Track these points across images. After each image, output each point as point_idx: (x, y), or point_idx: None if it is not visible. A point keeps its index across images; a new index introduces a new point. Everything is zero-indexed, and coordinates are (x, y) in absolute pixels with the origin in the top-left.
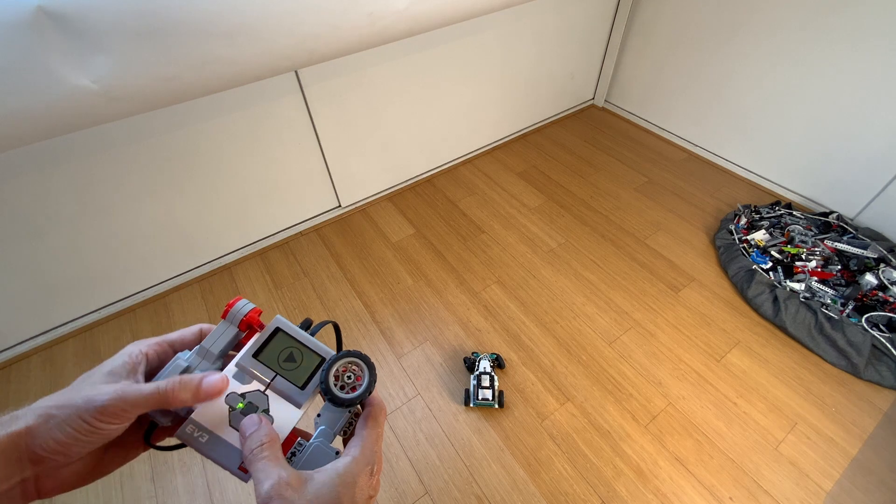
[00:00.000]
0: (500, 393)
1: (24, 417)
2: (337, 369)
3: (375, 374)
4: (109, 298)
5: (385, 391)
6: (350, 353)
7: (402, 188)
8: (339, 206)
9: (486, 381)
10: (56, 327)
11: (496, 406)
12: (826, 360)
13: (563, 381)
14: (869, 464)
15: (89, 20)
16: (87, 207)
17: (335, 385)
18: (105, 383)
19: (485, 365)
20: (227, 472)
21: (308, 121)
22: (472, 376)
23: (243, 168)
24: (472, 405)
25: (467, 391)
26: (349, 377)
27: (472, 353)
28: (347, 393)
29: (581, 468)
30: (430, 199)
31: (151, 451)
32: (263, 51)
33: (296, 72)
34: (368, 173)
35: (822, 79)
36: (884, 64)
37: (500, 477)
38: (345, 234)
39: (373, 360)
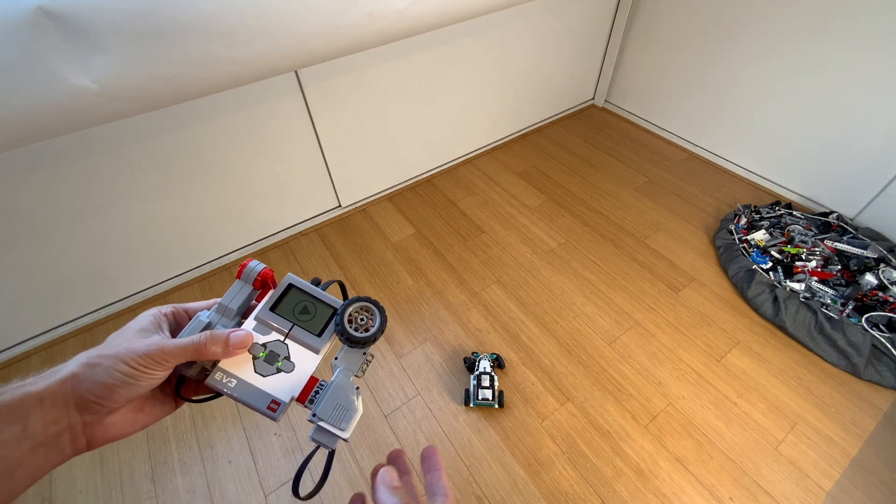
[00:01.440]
0: (500, 393)
1: (67, 367)
2: (350, 313)
3: (386, 316)
4: (110, 298)
5: (385, 391)
6: (361, 299)
7: (402, 188)
8: (339, 206)
9: (486, 381)
10: (57, 327)
11: (496, 406)
12: (826, 360)
13: (563, 381)
14: (869, 464)
15: (89, 20)
16: (87, 207)
17: (350, 327)
18: (139, 339)
19: (485, 365)
20: (229, 481)
21: (308, 121)
22: (472, 376)
23: (243, 168)
24: (472, 405)
25: (467, 391)
26: (362, 320)
27: (472, 353)
28: (362, 333)
29: (581, 468)
30: (430, 199)
31: (151, 449)
32: (263, 51)
33: (296, 72)
34: (368, 173)
35: (823, 79)
36: (884, 64)
37: (500, 477)
38: (345, 234)
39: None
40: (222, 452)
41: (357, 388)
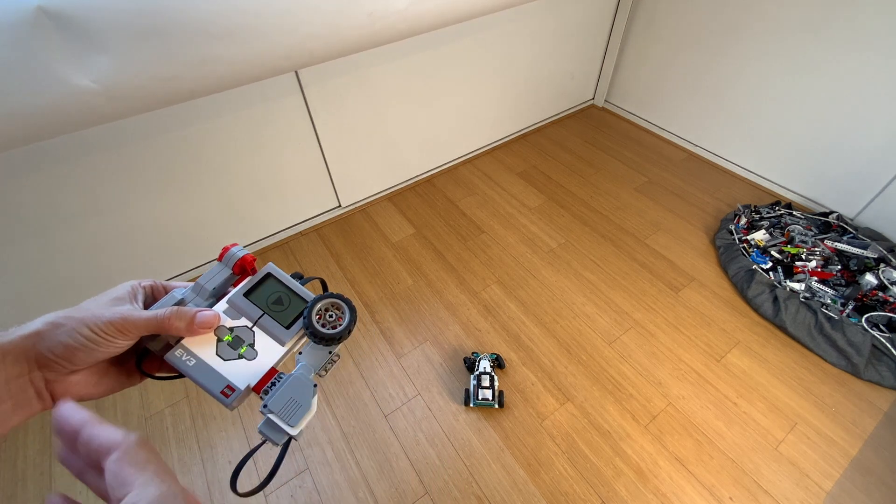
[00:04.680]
0: (500, 393)
1: (32, 324)
2: (320, 309)
3: (356, 315)
4: None
5: (385, 391)
6: (332, 295)
7: (402, 188)
8: (339, 206)
9: (486, 381)
10: None
11: (496, 406)
12: (826, 360)
13: (563, 381)
14: (869, 464)
15: (89, 20)
16: (88, 207)
17: (317, 322)
18: (111, 306)
19: (485, 365)
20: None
21: (308, 121)
22: (472, 376)
23: (244, 168)
24: (472, 405)
25: (467, 391)
26: (331, 316)
27: (472, 353)
28: (328, 330)
29: (581, 468)
30: (430, 199)
31: (151, 447)
32: (263, 51)
33: (296, 72)
34: (368, 173)
35: (823, 79)
36: (884, 64)
37: (500, 477)
38: (345, 234)
39: (356, 312)
40: (222, 452)
41: (315, 385)
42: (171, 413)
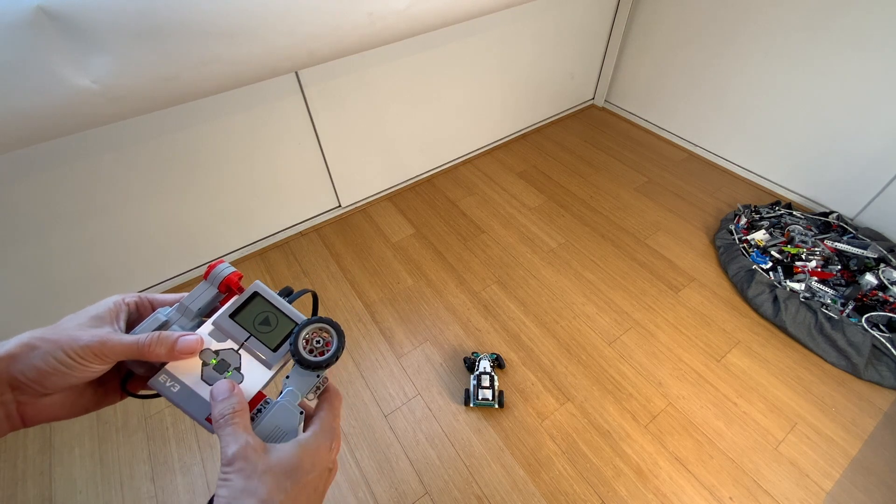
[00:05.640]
0: (500, 393)
1: (6, 345)
2: (308, 333)
3: (344, 341)
4: None
5: (385, 391)
6: (321, 320)
7: (402, 188)
8: (339, 206)
9: (486, 381)
10: None
11: (496, 406)
12: (826, 360)
13: (563, 381)
14: (869, 464)
15: (89, 20)
16: (89, 208)
17: (304, 348)
18: (90, 326)
19: (485, 365)
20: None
21: (308, 121)
22: (472, 376)
23: (244, 168)
24: (472, 405)
25: (467, 391)
26: (318, 342)
27: (472, 353)
28: (315, 356)
29: (581, 468)
30: (430, 199)
31: (151, 449)
32: (263, 51)
33: (296, 72)
34: (368, 173)
35: (823, 79)
36: (884, 64)
37: (500, 477)
38: (345, 234)
39: (346, 336)
40: None
41: (301, 412)
42: (170, 413)
